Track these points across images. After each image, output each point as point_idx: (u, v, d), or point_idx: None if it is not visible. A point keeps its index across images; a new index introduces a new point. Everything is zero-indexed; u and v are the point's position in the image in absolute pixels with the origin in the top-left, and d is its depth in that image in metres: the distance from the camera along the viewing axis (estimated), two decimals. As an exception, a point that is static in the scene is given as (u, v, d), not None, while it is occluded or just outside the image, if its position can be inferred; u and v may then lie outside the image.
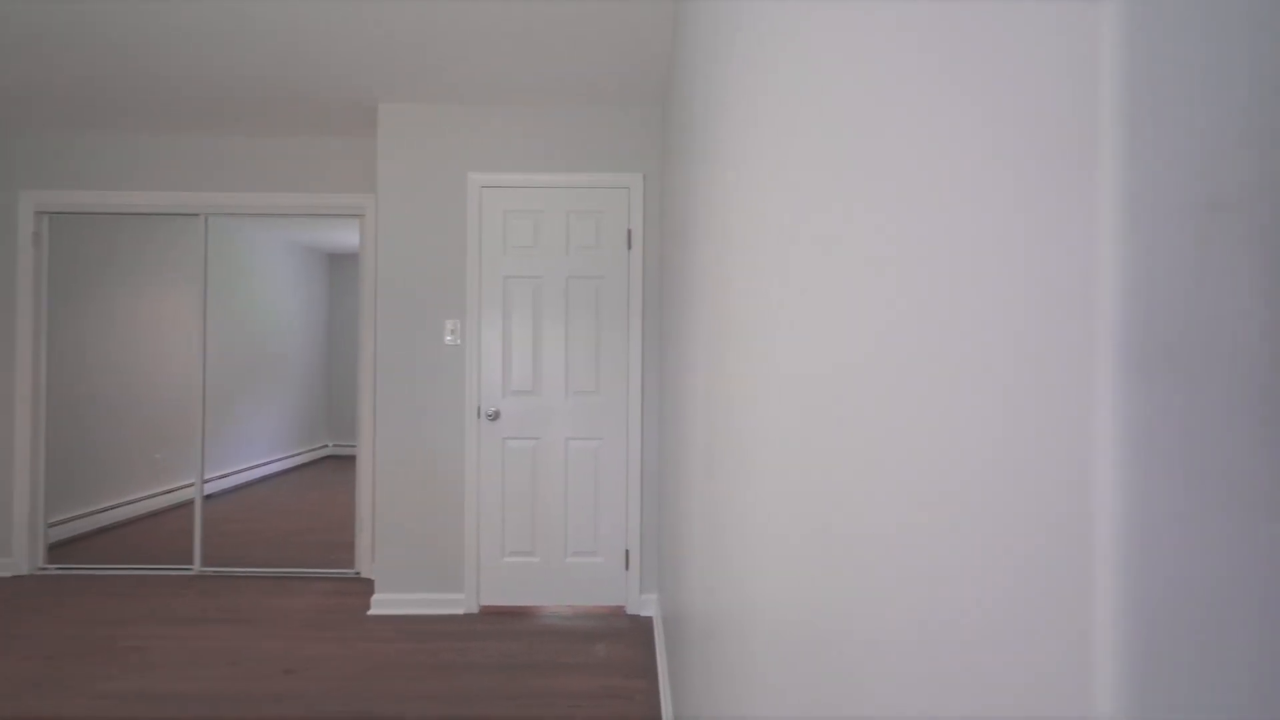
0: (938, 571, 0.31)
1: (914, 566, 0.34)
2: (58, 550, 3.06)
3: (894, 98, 0.36)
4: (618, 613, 2.56)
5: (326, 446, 5.83)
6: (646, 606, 2.56)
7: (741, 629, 0.83)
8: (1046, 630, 0.23)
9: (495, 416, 2.53)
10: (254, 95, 2.51)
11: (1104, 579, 0.20)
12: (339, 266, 6.00)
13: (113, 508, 3.20)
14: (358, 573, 2.92)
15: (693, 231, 1.45)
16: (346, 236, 5.41)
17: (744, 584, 0.81)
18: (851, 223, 0.43)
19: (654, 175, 2.58)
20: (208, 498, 4.16)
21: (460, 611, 2.55)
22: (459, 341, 2.55)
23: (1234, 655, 0.16)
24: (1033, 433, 0.24)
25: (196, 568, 3.04)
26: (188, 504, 3.19)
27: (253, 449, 4.98)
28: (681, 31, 1.69)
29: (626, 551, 2.57)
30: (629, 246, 2.56)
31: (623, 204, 2.56)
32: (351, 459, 3.07)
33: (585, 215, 2.56)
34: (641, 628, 2.44)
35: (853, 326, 0.43)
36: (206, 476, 3.56)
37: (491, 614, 2.54)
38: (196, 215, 3.05)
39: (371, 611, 2.54)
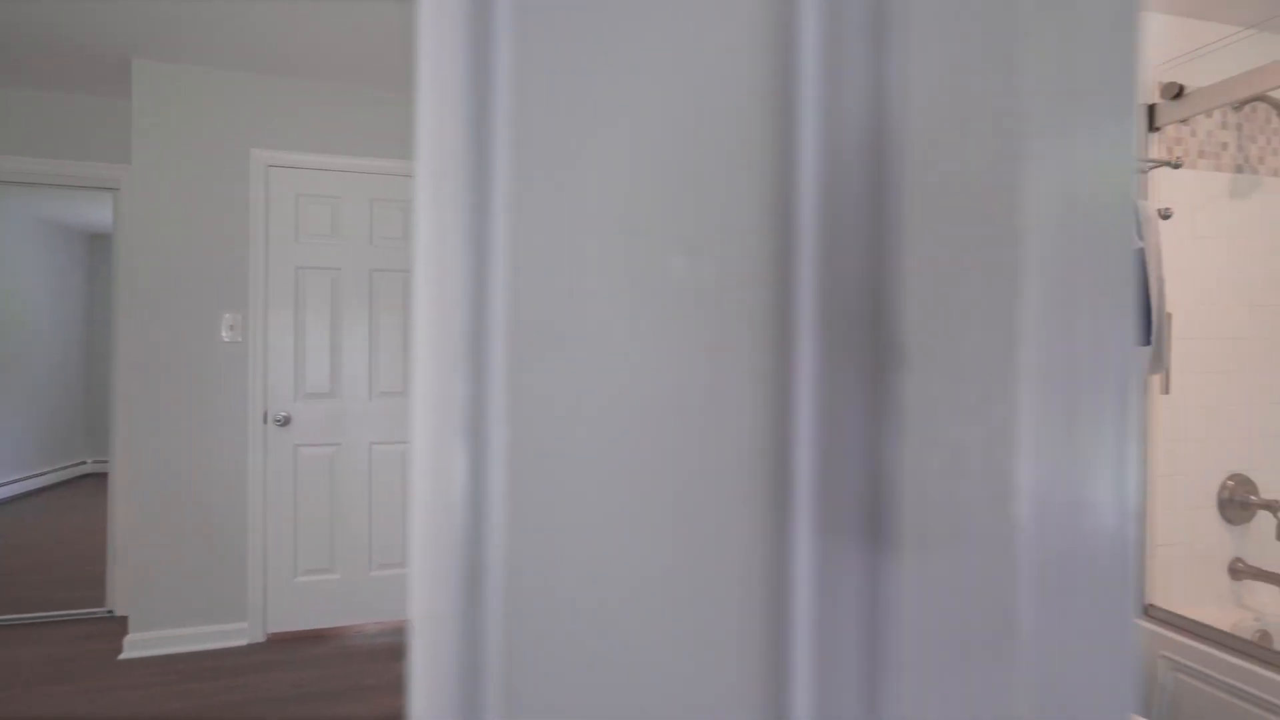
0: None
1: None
2: None
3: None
4: (430, 624, 2.43)
5: (85, 464, 4.86)
6: (462, 614, 2.46)
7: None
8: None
9: (285, 422, 2.28)
10: (-51, 31, 2.01)
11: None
12: (102, 249, 5.04)
13: None
14: (110, 611, 2.47)
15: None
16: (110, 214, 4.56)
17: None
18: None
19: (469, 167, 2.48)
20: (-100, 535, 3.33)
21: (244, 643, 2.26)
22: (240, 338, 2.25)
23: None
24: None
25: None
26: None
27: (-23, 470, 4.02)
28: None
29: (440, 559, 2.45)
30: (441, 240, 2.44)
31: (434, 195, 2.43)
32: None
33: (391, 204, 2.40)
34: (455, 637, 2.35)
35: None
36: (-105, 508, 2.79)
37: (282, 641, 2.29)
38: None
39: (125, 655, 2.17)
